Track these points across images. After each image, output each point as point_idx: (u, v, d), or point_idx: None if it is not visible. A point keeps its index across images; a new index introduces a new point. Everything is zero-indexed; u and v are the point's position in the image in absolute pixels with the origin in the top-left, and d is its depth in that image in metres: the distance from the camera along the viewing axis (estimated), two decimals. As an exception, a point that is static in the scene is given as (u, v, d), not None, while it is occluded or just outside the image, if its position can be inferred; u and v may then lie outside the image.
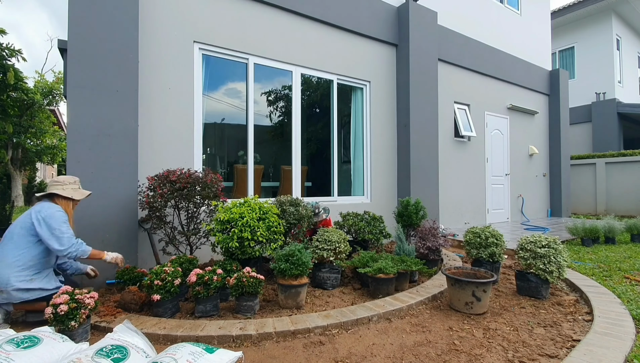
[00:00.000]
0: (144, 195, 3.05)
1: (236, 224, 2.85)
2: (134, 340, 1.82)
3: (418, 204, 4.14)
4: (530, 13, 8.55)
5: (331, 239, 3.12)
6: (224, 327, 2.20)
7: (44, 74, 14.65)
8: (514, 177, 8.04)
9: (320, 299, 2.84)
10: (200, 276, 2.42)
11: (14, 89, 7.83)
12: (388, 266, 2.86)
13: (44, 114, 13.59)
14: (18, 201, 13.40)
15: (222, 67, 4.40)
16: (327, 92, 5.30)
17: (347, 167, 5.70)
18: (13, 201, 7.18)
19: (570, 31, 12.30)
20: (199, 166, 3.95)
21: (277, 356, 1.97)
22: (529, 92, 8.44)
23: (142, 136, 3.50)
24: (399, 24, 5.71)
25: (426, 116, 5.72)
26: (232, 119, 4.77)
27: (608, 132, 11.34)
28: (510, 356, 1.98)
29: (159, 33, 3.69)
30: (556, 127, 8.87)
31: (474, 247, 3.39)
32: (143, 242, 3.45)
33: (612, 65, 11.41)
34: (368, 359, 1.95)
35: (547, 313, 2.62)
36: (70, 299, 2.02)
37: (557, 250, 2.88)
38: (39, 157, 14.79)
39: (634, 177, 9.37)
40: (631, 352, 1.97)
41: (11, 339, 1.70)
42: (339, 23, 5.04)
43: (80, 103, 3.10)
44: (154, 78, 3.64)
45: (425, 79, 5.75)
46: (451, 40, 6.54)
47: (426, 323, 2.43)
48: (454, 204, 6.66)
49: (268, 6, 4.45)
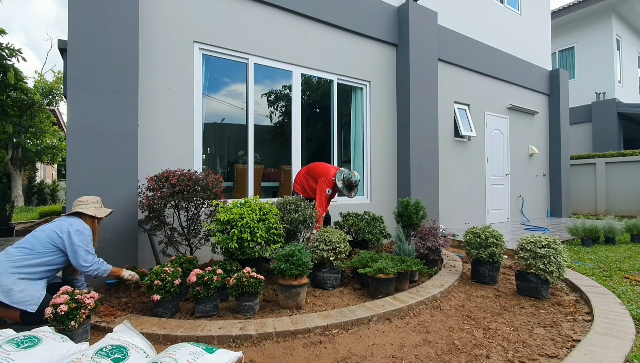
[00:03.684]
0: (144, 196, 3.04)
1: (236, 224, 2.84)
2: (134, 340, 1.82)
3: (418, 204, 4.14)
4: (530, 13, 8.55)
5: (331, 239, 3.12)
6: (224, 327, 2.20)
7: (43, 74, 14.66)
8: (514, 177, 8.04)
9: (320, 299, 2.84)
10: (200, 277, 2.42)
11: (13, 89, 7.84)
12: (388, 266, 2.86)
13: (44, 114, 13.60)
14: (18, 201, 13.41)
15: (222, 67, 4.40)
16: (327, 92, 5.31)
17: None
18: (13, 201, 7.18)
19: (570, 31, 12.31)
20: (199, 166, 3.95)
21: (277, 356, 1.97)
22: (529, 92, 8.44)
23: (142, 136, 3.49)
24: (399, 24, 5.71)
25: (426, 116, 5.72)
26: (232, 119, 4.77)
27: (608, 132, 11.34)
28: (510, 356, 1.98)
29: (159, 33, 3.69)
30: (556, 127, 8.87)
31: (474, 247, 3.39)
32: (143, 242, 3.45)
33: (612, 65, 11.41)
34: (368, 359, 1.94)
35: (547, 313, 2.62)
36: (70, 299, 2.01)
37: (557, 250, 2.88)
38: (39, 157, 14.80)
39: (634, 177, 9.37)
40: (631, 352, 1.97)
41: (11, 339, 1.70)
42: (339, 23, 5.04)
43: (80, 103, 3.10)
44: (154, 78, 3.64)
45: (425, 79, 5.75)
46: (451, 40, 6.54)
47: (426, 323, 2.43)
48: (454, 204, 6.66)
49: (268, 6, 4.45)
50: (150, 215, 3.09)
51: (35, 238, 2.33)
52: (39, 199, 16.12)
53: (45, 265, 2.32)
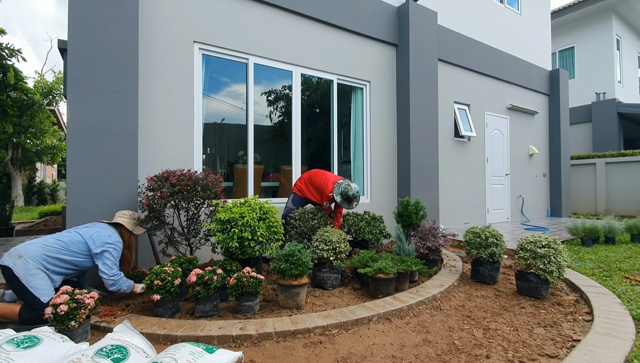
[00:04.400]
0: (144, 196, 3.04)
1: (236, 224, 2.84)
2: (134, 340, 1.82)
3: (418, 204, 4.14)
4: (530, 13, 8.55)
5: (331, 239, 3.12)
6: (224, 327, 2.20)
7: (43, 74, 14.66)
8: (514, 177, 8.04)
9: (320, 299, 2.84)
10: (200, 276, 2.42)
11: (13, 89, 7.84)
12: (388, 266, 2.86)
13: (44, 114, 13.60)
14: (18, 201, 13.41)
15: (222, 67, 4.40)
16: (327, 92, 5.30)
17: (347, 167, 5.70)
18: (13, 201, 7.18)
19: (570, 31, 12.31)
20: (199, 166, 3.95)
21: (277, 356, 1.97)
22: (529, 92, 8.44)
23: (142, 136, 3.49)
24: (399, 24, 5.71)
25: (426, 116, 5.72)
26: (232, 119, 4.77)
27: (608, 132, 11.34)
28: (510, 356, 1.98)
29: (159, 33, 3.69)
30: (556, 127, 8.87)
31: (474, 247, 3.39)
32: (143, 242, 3.45)
33: (612, 65, 11.41)
34: (368, 359, 1.94)
35: (547, 313, 2.62)
36: (70, 299, 2.01)
37: (557, 250, 2.88)
38: (39, 157, 14.81)
39: (634, 177, 9.37)
40: (631, 352, 1.97)
41: (11, 339, 1.70)
42: (339, 23, 5.04)
43: (80, 103, 3.10)
44: (154, 78, 3.64)
45: (425, 79, 5.75)
46: (451, 40, 6.54)
47: (426, 323, 2.43)
48: (454, 204, 6.66)
49: (268, 6, 4.45)
50: (150, 215, 3.09)
51: (74, 237, 2.48)
52: (39, 199, 16.13)
53: (73, 265, 2.46)
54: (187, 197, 3.05)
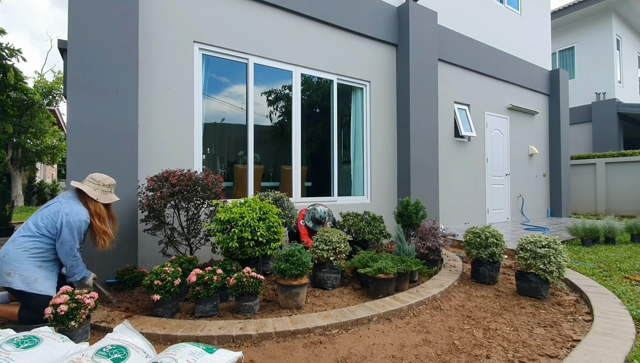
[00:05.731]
0: (144, 196, 3.04)
1: (236, 224, 2.84)
2: (134, 340, 1.82)
3: (418, 204, 4.14)
4: (530, 13, 8.55)
5: (331, 239, 3.12)
6: (224, 327, 2.20)
7: (43, 74, 14.66)
8: (514, 177, 8.04)
9: (320, 299, 2.84)
10: (200, 277, 2.42)
11: (13, 89, 7.84)
12: (388, 266, 2.86)
13: (44, 114, 13.61)
14: (18, 201, 13.41)
15: (222, 67, 4.40)
16: (327, 92, 5.30)
17: (347, 167, 5.70)
18: (13, 201, 7.18)
19: (570, 31, 12.31)
20: (199, 166, 3.95)
21: (277, 356, 1.97)
22: (529, 92, 8.44)
23: (142, 135, 3.49)
24: (399, 24, 5.71)
25: (426, 116, 5.72)
26: (232, 119, 4.77)
27: (608, 132, 11.34)
28: (510, 356, 1.98)
29: (159, 33, 3.69)
30: (556, 127, 8.87)
31: (474, 247, 3.39)
32: (143, 242, 3.45)
33: (612, 65, 11.41)
34: (368, 359, 1.94)
35: (547, 313, 2.62)
36: (70, 299, 2.01)
37: (557, 250, 2.88)
38: (39, 157, 14.81)
39: (634, 177, 9.37)
40: (631, 352, 1.97)
41: (11, 339, 1.70)
42: (339, 23, 5.04)
43: (80, 103, 3.10)
44: (154, 78, 3.64)
45: (425, 79, 5.75)
46: (451, 40, 6.54)
47: (426, 323, 2.43)
48: (454, 204, 6.66)
49: (268, 6, 4.45)
50: (150, 215, 3.09)
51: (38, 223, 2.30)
52: (39, 199, 16.12)
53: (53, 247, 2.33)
54: (187, 197, 3.05)
